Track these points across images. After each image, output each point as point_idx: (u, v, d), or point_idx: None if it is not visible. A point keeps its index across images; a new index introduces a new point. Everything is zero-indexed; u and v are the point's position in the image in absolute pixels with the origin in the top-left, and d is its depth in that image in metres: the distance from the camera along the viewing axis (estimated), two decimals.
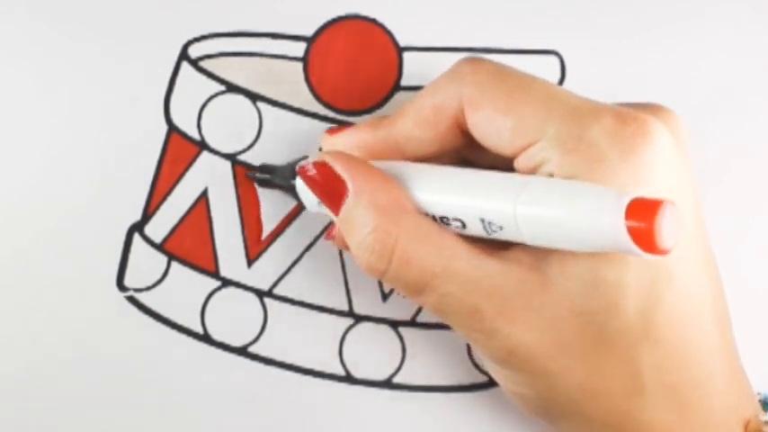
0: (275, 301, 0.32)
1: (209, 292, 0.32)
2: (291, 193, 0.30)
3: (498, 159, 0.26)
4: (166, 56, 0.33)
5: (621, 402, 0.24)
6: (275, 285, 0.32)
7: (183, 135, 0.32)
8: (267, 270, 0.32)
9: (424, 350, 0.32)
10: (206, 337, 0.32)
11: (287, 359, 0.32)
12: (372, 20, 0.33)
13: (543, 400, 0.26)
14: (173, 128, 0.32)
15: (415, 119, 0.27)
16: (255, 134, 0.32)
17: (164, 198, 0.32)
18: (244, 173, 0.32)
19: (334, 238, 0.29)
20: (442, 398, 0.32)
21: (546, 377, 0.25)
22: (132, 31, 0.33)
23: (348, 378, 0.32)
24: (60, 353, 0.31)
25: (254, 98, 0.32)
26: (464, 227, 0.25)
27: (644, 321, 0.24)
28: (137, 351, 0.31)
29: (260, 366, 0.32)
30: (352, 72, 0.33)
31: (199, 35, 0.33)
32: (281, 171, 0.31)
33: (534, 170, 0.24)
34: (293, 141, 0.32)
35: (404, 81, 0.33)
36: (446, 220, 0.25)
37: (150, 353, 0.31)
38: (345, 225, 0.26)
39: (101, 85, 0.32)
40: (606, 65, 0.33)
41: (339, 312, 0.32)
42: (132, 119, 0.32)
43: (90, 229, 0.32)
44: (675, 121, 0.26)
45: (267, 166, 0.31)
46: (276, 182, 0.31)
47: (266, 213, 0.32)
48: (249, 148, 0.32)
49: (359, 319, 0.32)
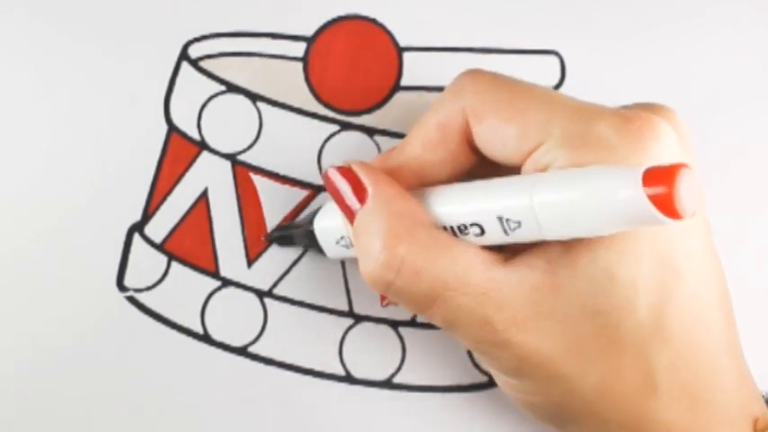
0: (275, 301, 0.32)
1: (209, 292, 0.32)
2: (310, 244, 0.30)
3: (509, 174, 0.25)
4: (166, 56, 0.33)
5: (635, 402, 0.24)
6: (275, 285, 0.32)
7: (183, 135, 0.32)
8: (267, 270, 0.32)
9: (424, 350, 0.32)
10: (206, 337, 0.32)
11: (287, 359, 0.32)
12: (372, 20, 0.33)
13: (556, 406, 0.26)
14: (173, 128, 0.32)
15: (423, 142, 0.26)
16: (255, 134, 0.32)
17: (164, 198, 0.32)
18: (246, 174, 0.32)
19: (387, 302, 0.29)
20: (441, 398, 0.32)
21: (561, 381, 0.25)
22: (132, 31, 0.33)
23: (348, 378, 0.32)
24: (60, 353, 0.31)
25: (254, 98, 0.32)
26: (482, 232, 0.24)
27: (656, 319, 0.24)
28: (137, 351, 0.31)
29: (260, 366, 0.32)
30: (352, 72, 0.33)
31: (199, 35, 0.33)
32: (297, 222, 0.31)
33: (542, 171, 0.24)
34: (293, 141, 0.32)
35: (404, 81, 0.33)
36: (464, 229, 0.25)
37: (150, 353, 0.31)
38: (357, 233, 0.26)
39: (101, 85, 0.32)
40: (606, 65, 0.33)
41: (339, 312, 0.32)
42: (132, 119, 0.32)
43: (90, 229, 0.32)
44: (678, 121, 0.26)
45: (283, 225, 0.32)
46: (293, 233, 0.31)
47: (267, 213, 0.32)
48: (249, 148, 0.32)
49: (359, 319, 0.32)
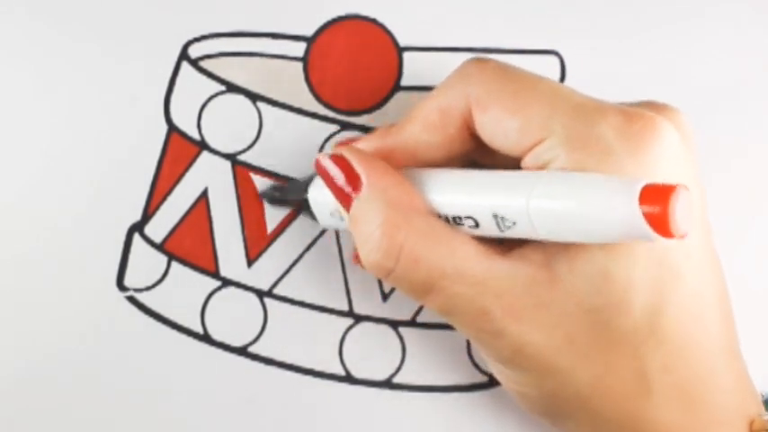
0: (275, 301, 0.32)
1: (209, 292, 0.32)
2: (303, 208, 0.30)
3: (507, 162, 0.25)
4: (166, 56, 0.33)
5: (628, 400, 0.24)
6: (275, 285, 0.32)
7: (183, 135, 0.32)
8: (267, 270, 0.32)
9: (424, 350, 0.32)
10: (206, 337, 0.32)
11: (287, 359, 0.32)
12: (372, 20, 0.33)
13: (549, 399, 0.26)
14: (173, 128, 0.32)
15: (423, 123, 0.26)
16: (255, 134, 0.32)
17: (164, 198, 0.32)
18: (246, 174, 0.32)
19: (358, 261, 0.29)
20: (441, 398, 0.32)
21: (554, 374, 0.25)
22: (132, 31, 0.33)
23: (348, 378, 0.32)
24: (60, 353, 0.31)
25: (254, 98, 0.32)
26: (477, 225, 0.25)
27: (650, 319, 0.24)
28: (137, 351, 0.31)
29: (260, 366, 0.32)
30: (352, 72, 0.33)
31: (199, 35, 0.33)
32: (292, 186, 0.31)
33: (542, 169, 0.24)
34: (293, 141, 0.32)
35: (404, 81, 0.33)
36: (459, 220, 0.25)
37: (150, 353, 0.31)
38: (354, 221, 0.26)
39: (101, 85, 0.32)
40: (606, 65, 0.33)
41: (339, 312, 0.32)
42: (132, 119, 0.32)
43: (90, 229, 0.32)
44: (681, 119, 0.26)
45: (278, 185, 0.32)
46: (289, 198, 0.31)
47: (267, 213, 0.32)
48: (249, 148, 0.32)
49: (359, 319, 0.32)
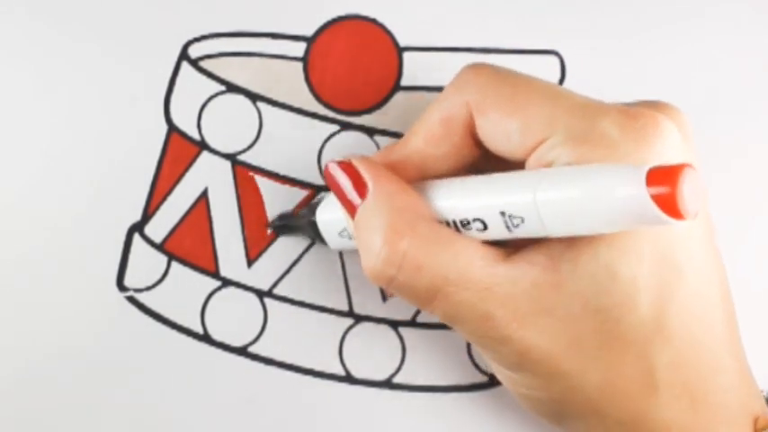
0: (275, 301, 0.32)
1: (209, 292, 0.32)
2: (312, 234, 0.30)
3: (513, 169, 0.25)
4: (166, 56, 0.33)
5: (636, 399, 0.24)
6: (275, 285, 0.32)
7: (183, 135, 0.32)
8: (267, 270, 0.32)
9: (424, 350, 0.32)
10: (206, 337, 0.32)
11: (287, 359, 0.32)
12: (372, 20, 0.33)
13: (557, 402, 0.26)
14: (173, 128, 0.32)
15: (426, 136, 0.26)
16: (255, 134, 0.32)
17: (164, 198, 0.32)
18: (246, 174, 0.32)
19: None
20: (441, 398, 0.32)
21: (562, 378, 0.25)
22: (132, 31, 0.33)
23: (348, 378, 0.32)
24: (60, 353, 0.31)
25: (254, 98, 0.32)
26: (485, 228, 0.24)
27: (657, 317, 0.24)
28: (137, 351, 0.31)
29: (260, 366, 0.32)
30: (352, 72, 0.33)
31: (199, 35, 0.33)
32: (301, 213, 0.31)
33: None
34: (293, 141, 0.32)
35: (404, 81, 0.33)
36: (466, 224, 0.25)
37: (150, 353, 0.31)
38: (359, 228, 0.26)
39: (101, 85, 0.32)
40: (606, 65, 0.33)
41: (339, 312, 0.32)
42: (132, 119, 0.32)
43: (90, 229, 0.32)
44: (681, 119, 0.25)
45: (285, 213, 0.32)
46: (296, 223, 0.31)
47: (267, 213, 0.32)
48: (249, 148, 0.32)
49: (359, 319, 0.32)
